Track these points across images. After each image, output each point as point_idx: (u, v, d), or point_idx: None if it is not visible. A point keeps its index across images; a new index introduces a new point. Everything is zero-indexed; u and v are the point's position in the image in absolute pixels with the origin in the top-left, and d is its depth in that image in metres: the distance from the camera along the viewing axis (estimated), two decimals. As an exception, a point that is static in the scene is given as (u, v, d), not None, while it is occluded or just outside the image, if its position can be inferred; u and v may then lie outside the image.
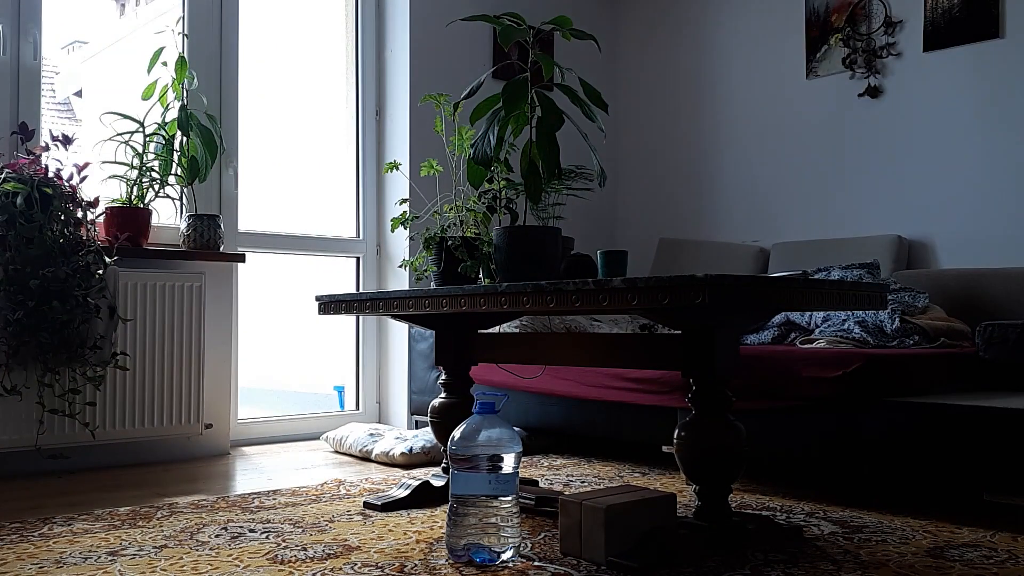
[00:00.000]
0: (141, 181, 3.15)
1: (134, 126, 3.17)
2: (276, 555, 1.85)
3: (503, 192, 2.31)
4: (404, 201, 2.65)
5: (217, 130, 3.31)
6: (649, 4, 4.69)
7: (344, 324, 4.18)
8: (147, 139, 3.18)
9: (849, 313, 2.92)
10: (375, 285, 4.10)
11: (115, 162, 3.15)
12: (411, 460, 3.10)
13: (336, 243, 4.07)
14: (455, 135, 2.42)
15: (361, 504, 2.37)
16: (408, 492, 2.36)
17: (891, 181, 3.71)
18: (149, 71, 3.24)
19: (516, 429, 2.76)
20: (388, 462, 3.16)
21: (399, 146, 4.04)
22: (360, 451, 3.29)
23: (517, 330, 3.21)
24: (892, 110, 3.72)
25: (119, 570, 1.76)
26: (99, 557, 1.85)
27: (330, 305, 2.40)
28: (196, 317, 3.20)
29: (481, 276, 2.33)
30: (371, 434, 3.36)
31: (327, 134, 4.62)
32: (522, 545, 1.90)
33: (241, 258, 3.42)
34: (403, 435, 3.28)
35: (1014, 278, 3.11)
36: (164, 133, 3.22)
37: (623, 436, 3.18)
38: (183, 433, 3.19)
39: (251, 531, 2.08)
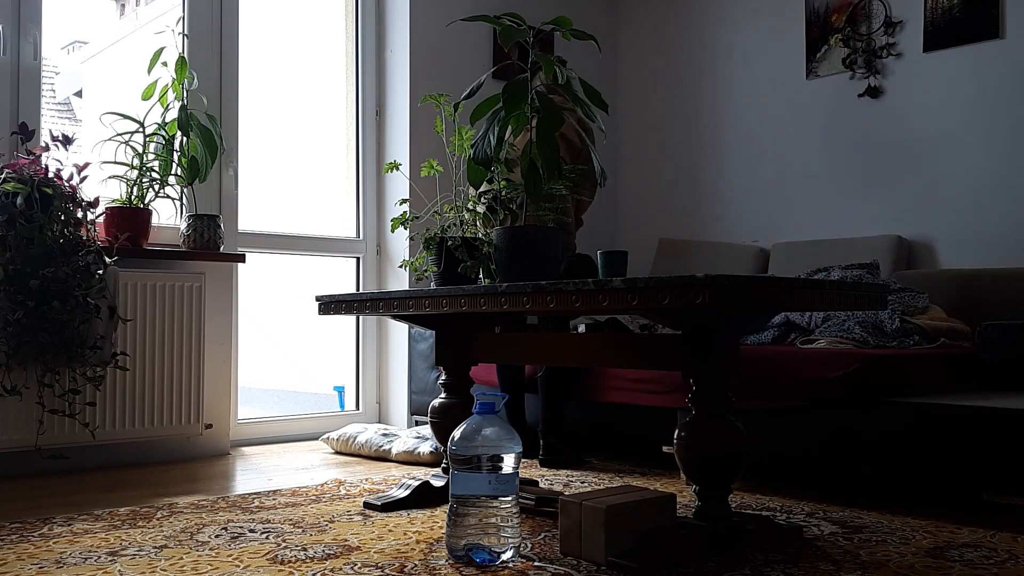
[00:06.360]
0: (141, 181, 3.15)
1: (134, 126, 3.17)
2: (276, 555, 1.85)
3: (503, 192, 2.31)
4: (404, 201, 2.64)
5: (217, 130, 3.31)
6: (649, 4, 4.69)
7: (344, 324, 4.19)
8: (147, 139, 3.18)
9: (849, 313, 2.92)
10: (375, 285, 4.10)
11: (115, 162, 3.14)
12: (438, 458, 3.09)
13: (336, 243, 4.07)
14: (455, 135, 2.42)
15: (361, 504, 2.37)
16: (408, 492, 2.36)
17: (891, 181, 3.71)
18: (149, 71, 3.24)
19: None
20: (413, 460, 3.16)
21: (399, 146, 4.04)
22: (375, 451, 3.29)
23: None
24: (892, 110, 3.72)
25: (119, 570, 1.76)
26: (99, 557, 1.85)
27: (330, 305, 2.40)
28: (196, 317, 3.20)
29: (481, 276, 2.33)
30: (384, 434, 3.37)
31: (327, 134, 4.62)
32: (522, 545, 1.90)
33: (241, 258, 3.41)
34: (422, 433, 3.30)
35: (1014, 278, 3.11)
36: (164, 133, 3.22)
37: (623, 436, 3.18)
38: (183, 433, 3.19)
39: (251, 531, 2.08)
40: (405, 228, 2.48)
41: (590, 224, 3.48)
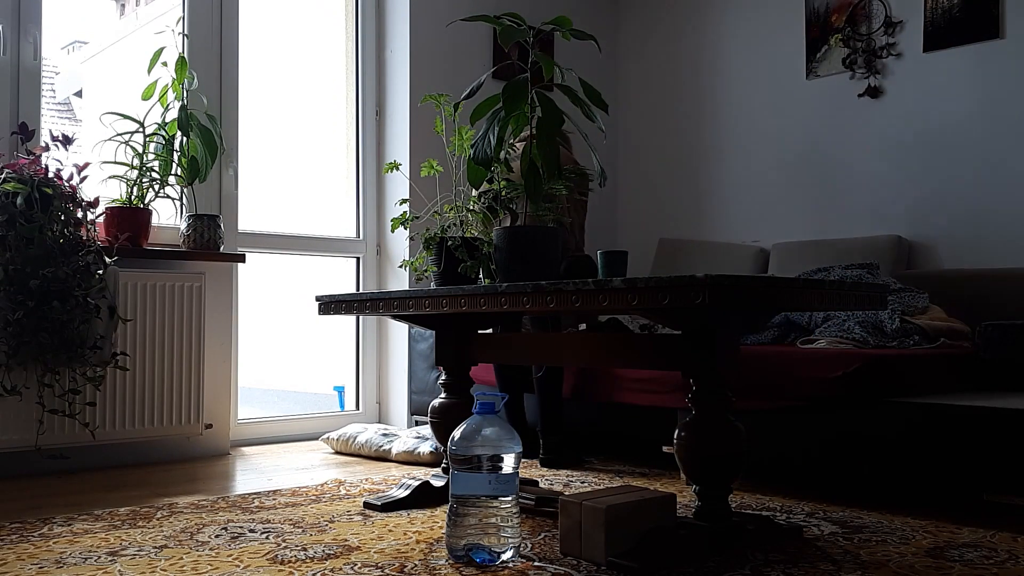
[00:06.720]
0: (141, 181, 3.15)
1: (134, 126, 3.17)
2: (276, 555, 1.85)
3: (503, 192, 2.31)
4: (404, 201, 2.65)
5: (217, 130, 3.31)
6: (649, 4, 4.69)
7: (344, 324, 4.18)
8: (147, 139, 3.18)
9: (849, 313, 2.92)
10: (375, 285, 4.10)
11: (115, 162, 3.14)
12: (438, 458, 3.10)
13: (336, 243, 4.07)
14: (455, 135, 2.42)
15: (361, 504, 2.37)
16: (408, 492, 2.36)
17: (891, 181, 3.71)
18: (149, 71, 3.24)
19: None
20: (413, 460, 3.16)
21: (399, 146, 4.04)
22: (375, 451, 3.29)
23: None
24: (892, 110, 3.72)
25: (119, 570, 1.76)
26: (99, 557, 1.85)
27: (330, 305, 2.40)
28: (196, 317, 3.20)
29: (481, 276, 2.33)
30: (384, 434, 3.37)
31: (327, 134, 4.62)
32: (522, 545, 1.90)
33: (241, 258, 3.41)
34: (422, 433, 3.29)
35: (1014, 278, 3.11)
36: (164, 133, 3.22)
37: (623, 436, 3.18)
38: (183, 433, 3.19)
39: (251, 531, 2.08)
40: (405, 228, 2.48)
41: (590, 224, 3.49)
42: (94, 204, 2.90)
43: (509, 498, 1.77)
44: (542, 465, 3.03)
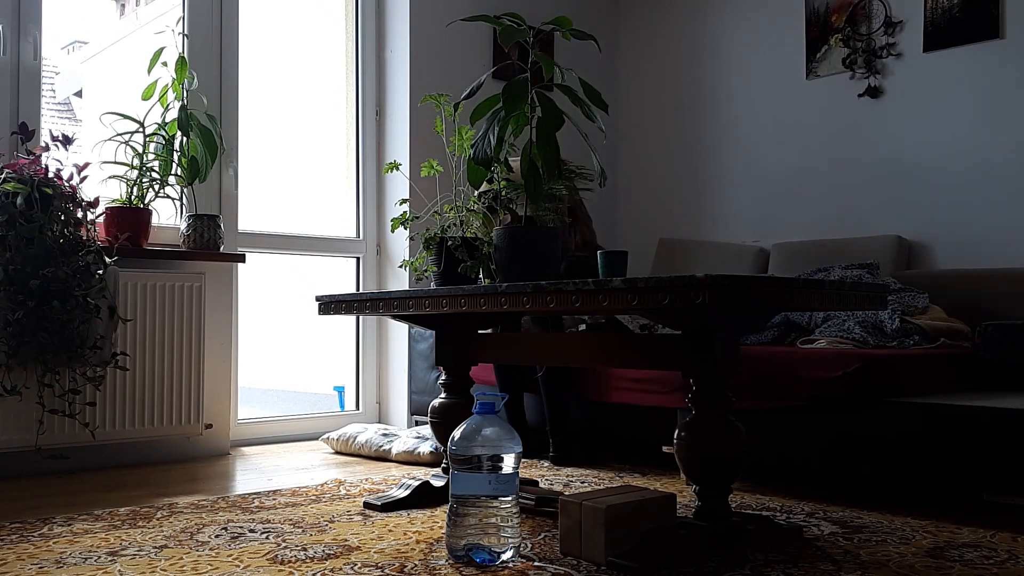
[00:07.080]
0: (141, 181, 3.15)
1: (134, 126, 3.17)
2: (276, 555, 1.85)
3: (503, 192, 2.31)
4: (404, 201, 2.64)
5: (217, 130, 3.31)
6: (649, 4, 4.69)
7: (344, 324, 4.18)
8: (147, 139, 3.18)
9: (849, 313, 2.92)
10: (375, 285, 4.10)
11: (115, 162, 3.14)
12: (438, 458, 3.10)
13: (336, 243, 4.07)
14: (455, 135, 2.42)
15: (361, 504, 2.37)
16: (408, 492, 2.36)
17: (891, 181, 3.71)
18: (149, 71, 3.24)
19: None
20: (413, 460, 3.16)
21: (399, 146, 4.04)
22: (375, 451, 3.29)
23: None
24: (892, 110, 3.72)
25: (119, 570, 1.76)
26: (99, 557, 1.85)
27: (330, 305, 2.40)
28: (196, 317, 3.20)
29: (481, 276, 2.33)
30: (384, 434, 3.37)
31: (327, 134, 4.62)
32: (522, 545, 1.90)
33: (241, 258, 3.41)
34: (422, 433, 3.29)
35: (1014, 278, 3.11)
36: (164, 133, 3.22)
37: (623, 436, 3.18)
38: (183, 433, 3.19)
39: (251, 531, 2.08)
40: (405, 228, 2.48)
41: (590, 224, 3.49)
42: (94, 204, 2.90)
43: (509, 498, 1.77)
44: (554, 463, 3.03)
